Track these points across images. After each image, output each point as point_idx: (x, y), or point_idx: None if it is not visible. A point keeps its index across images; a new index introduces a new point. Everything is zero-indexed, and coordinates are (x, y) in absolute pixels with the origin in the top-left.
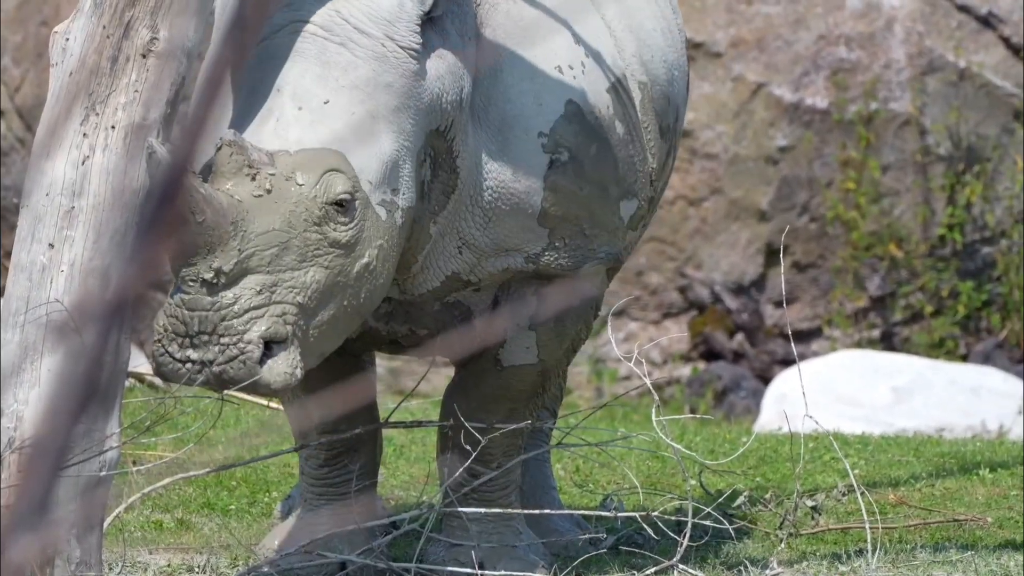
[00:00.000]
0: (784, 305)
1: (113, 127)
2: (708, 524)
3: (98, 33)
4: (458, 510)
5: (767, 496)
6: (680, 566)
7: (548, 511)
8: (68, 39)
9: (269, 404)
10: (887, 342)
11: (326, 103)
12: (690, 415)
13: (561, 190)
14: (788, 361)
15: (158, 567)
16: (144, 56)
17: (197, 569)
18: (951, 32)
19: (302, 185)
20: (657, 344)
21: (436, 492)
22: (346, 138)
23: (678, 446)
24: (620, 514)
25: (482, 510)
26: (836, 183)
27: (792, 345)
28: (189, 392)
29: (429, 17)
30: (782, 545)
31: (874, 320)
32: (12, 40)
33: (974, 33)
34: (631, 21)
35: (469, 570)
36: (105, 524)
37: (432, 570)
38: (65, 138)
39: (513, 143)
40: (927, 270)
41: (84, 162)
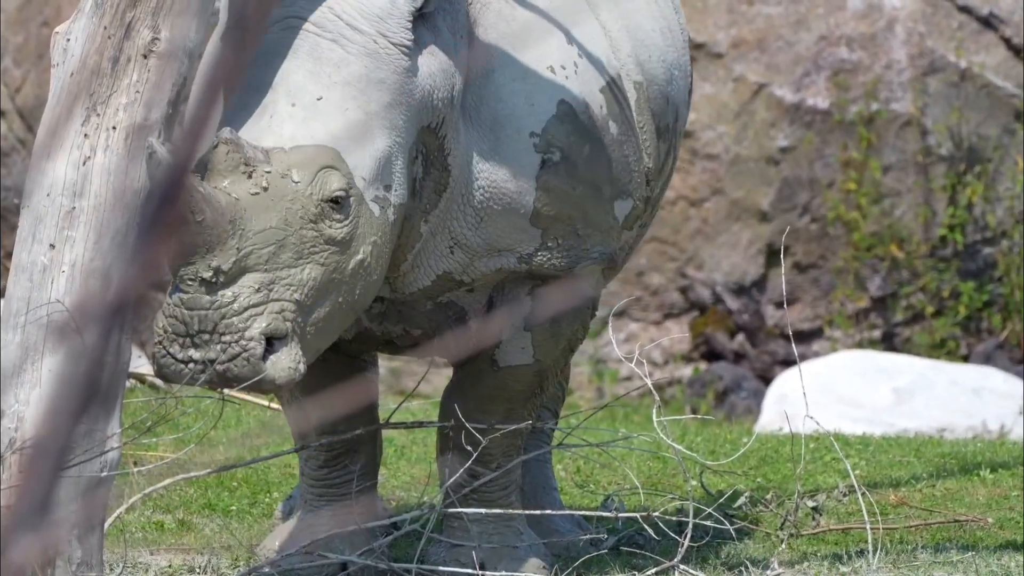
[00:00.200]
0: (785, 306)
1: (114, 128)
2: (709, 525)
3: (99, 34)
4: (459, 511)
5: (768, 497)
6: (681, 567)
7: (549, 512)
8: (69, 40)
9: (270, 405)
10: (888, 343)
11: (319, 99)
12: (691, 416)
13: (553, 190)
14: (789, 362)
15: (159, 568)
16: (145, 56)
17: (198, 570)
18: (952, 33)
19: (298, 183)
20: (658, 344)
21: (437, 493)
22: (340, 135)
23: (679, 447)
24: (621, 515)
25: (483, 511)
26: (837, 184)
27: (793, 345)
28: (190, 393)
29: (421, 14)
30: (783, 546)
31: (875, 321)
32: (13, 41)
33: (975, 34)
34: (628, 21)
35: (470, 571)
36: (106, 525)
37: (433, 571)
38: (66, 139)
39: (505, 143)
40: (928, 271)
41: (85, 163)
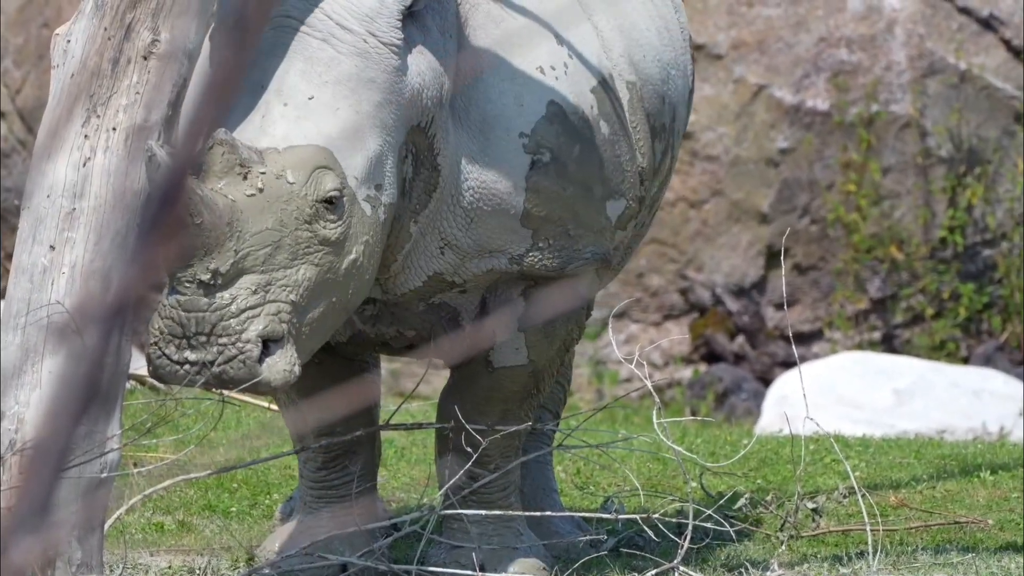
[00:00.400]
0: (785, 307)
1: (114, 129)
2: (709, 526)
3: (99, 35)
4: (459, 512)
5: (768, 498)
6: (681, 568)
7: (549, 513)
8: (69, 41)
9: (270, 406)
10: (888, 344)
11: (311, 99)
12: (691, 417)
13: (544, 191)
14: (789, 363)
15: (159, 569)
16: (145, 58)
17: (198, 571)
18: (952, 34)
19: (292, 184)
20: (658, 346)
21: (436, 494)
22: (332, 134)
23: (679, 448)
24: (621, 516)
25: (482, 512)
26: (837, 185)
27: (793, 347)
28: (190, 394)
29: (410, 12)
30: (783, 547)
31: (875, 322)
32: (13, 42)
33: (975, 35)
34: (622, 21)
35: (470, 572)
36: (106, 526)
37: (433, 572)
38: (66, 140)
39: (494, 144)
40: (928, 272)
41: (85, 164)
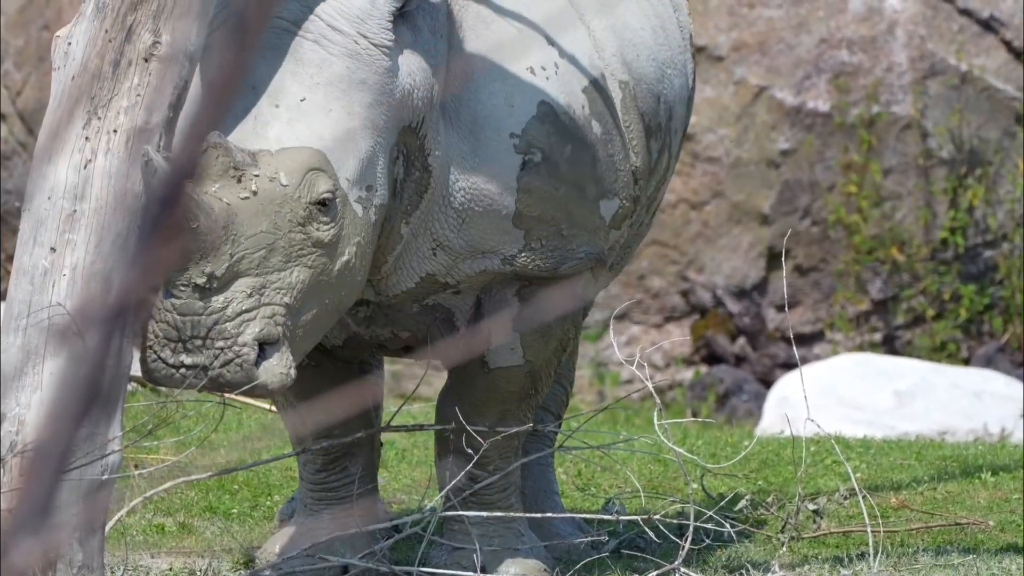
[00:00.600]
0: (786, 309)
1: (115, 131)
2: (710, 527)
3: (100, 37)
4: (459, 514)
5: (769, 500)
6: (682, 569)
7: (550, 514)
8: (70, 43)
9: (271, 408)
10: (889, 346)
11: (303, 100)
12: (692, 419)
13: (535, 191)
14: (790, 365)
15: (160, 571)
16: (146, 60)
17: (199, 573)
18: (953, 36)
19: (286, 186)
20: (659, 348)
21: (437, 496)
22: (324, 135)
23: (680, 449)
24: (622, 517)
25: (483, 514)
26: (838, 187)
27: (794, 348)
28: (191, 396)
29: (401, 13)
30: (784, 548)
31: (876, 324)
32: (14, 44)
33: (976, 37)
34: (615, 21)
35: (471, 574)
36: (107, 528)
37: (434, 574)
38: (67, 142)
39: (485, 144)
40: (929, 274)
41: (86, 166)
